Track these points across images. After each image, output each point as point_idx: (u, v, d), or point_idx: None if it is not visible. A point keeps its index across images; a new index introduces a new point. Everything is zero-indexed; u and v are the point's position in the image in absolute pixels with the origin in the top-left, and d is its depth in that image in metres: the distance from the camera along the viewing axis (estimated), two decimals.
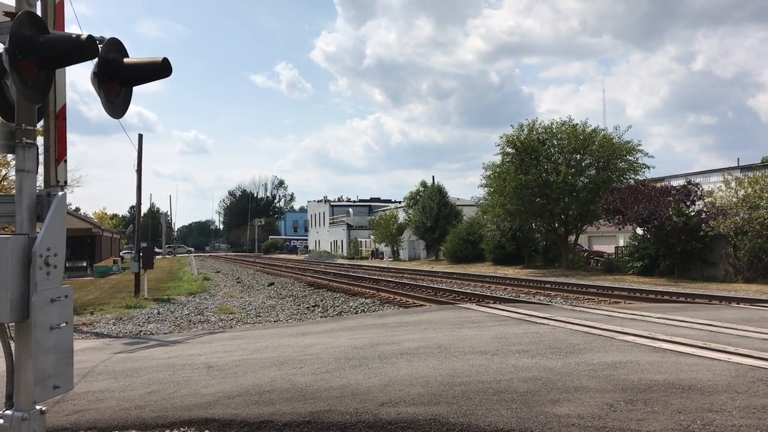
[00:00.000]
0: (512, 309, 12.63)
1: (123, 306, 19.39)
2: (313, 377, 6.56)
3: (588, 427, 4.51)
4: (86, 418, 5.50)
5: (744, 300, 15.91)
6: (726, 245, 26.47)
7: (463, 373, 6.38)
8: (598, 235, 45.17)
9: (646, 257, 29.22)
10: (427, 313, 13.32)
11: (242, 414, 5.30)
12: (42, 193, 3.73)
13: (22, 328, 3.52)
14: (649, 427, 4.45)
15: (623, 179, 34.89)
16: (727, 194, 26.95)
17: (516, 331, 9.39)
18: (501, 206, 36.12)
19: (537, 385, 5.73)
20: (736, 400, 5.03)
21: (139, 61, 4.01)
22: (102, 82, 3.87)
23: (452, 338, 8.89)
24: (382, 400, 5.44)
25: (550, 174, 35.28)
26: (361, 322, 12.12)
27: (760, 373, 5.96)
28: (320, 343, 9.24)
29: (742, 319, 10.19)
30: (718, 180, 30.39)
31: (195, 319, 16.41)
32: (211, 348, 9.75)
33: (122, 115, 4.11)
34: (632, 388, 5.50)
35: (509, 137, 36.05)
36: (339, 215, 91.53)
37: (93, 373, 7.81)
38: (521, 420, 4.73)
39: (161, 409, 5.62)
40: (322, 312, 17.41)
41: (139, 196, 24.47)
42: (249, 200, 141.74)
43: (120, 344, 11.30)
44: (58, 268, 3.65)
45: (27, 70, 3.41)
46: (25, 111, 3.67)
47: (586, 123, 36.07)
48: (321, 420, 5.02)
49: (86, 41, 3.43)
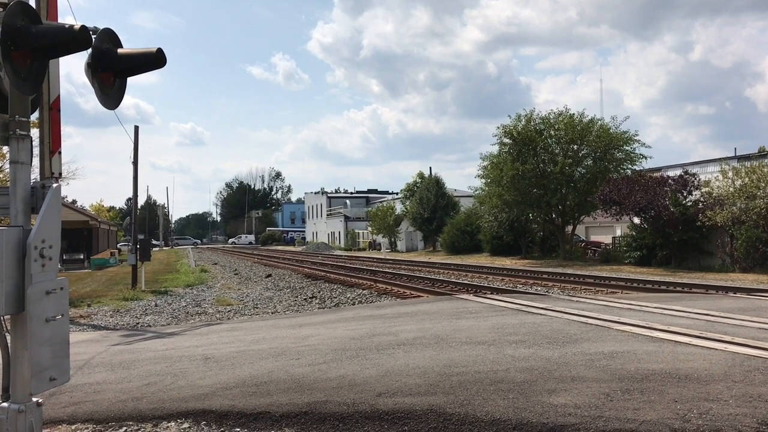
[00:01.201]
0: (509, 299, 12.64)
1: (120, 298, 19.38)
2: (310, 368, 6.56)
3: (585, 416, 4.51)
4: (83, 409, 5.51)
5: (741, 290, 15.94)
6: (723, 235, 26.51)
7: (460, 364, 6.38)
8: (596, 225, 45.21)
9: (643, 247, 29.25)
10: (424, 304, 13.33)
11: (239, 405, 5.31)
12: (37, 185, 3.71)
13: (17, 320, 3.51)
14: (646, 416, 4.46)
15: (620, 169, 34.87)
16: (724, 184, 26.96)
17: (513, 321, 9.40)
18: (498, 197, 36.06)
19: (534, 375, 5.74)
20: (733, 389, 5.05)
21: (133, 52, 3.98)
22: (96, 73, 3.84)
23: (449, 329, 8.90)
24: (379, 391, 5.44)
25: (547, 164, 35.25)
26: (358, 314, 12.13)
27: (757, 362, 5.98)
28: (317, 335, 9.24)
29: (738, 309, 10.22)
30: (715, 170, 30.39)
31: (192, 310, 16.41)
32: (208, 339, 9.75)
33: (116, 106, 4.09)
34: (629, 378, 5.51)
35: (506, 128, 35.97)
36: (336, 207, 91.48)
37: (90, 365, 7.80)
38: (518, 410, 4.74)
39: (158, 401, 5.62)
40: (319, 303, 17.42)
41: (136, 188, 24.44)
42: (246, 192, 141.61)
43: (117, 336, 11.30)
44: (53, 260, 3.63)
45: (20, 61, 3.39)
46: (19, 102, 3.64)
47: (583, 113, 36.05)
48: (318, 411, 5.03)
49: (79, 32, 3.40)
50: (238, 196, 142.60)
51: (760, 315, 9.43)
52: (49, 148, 3.95)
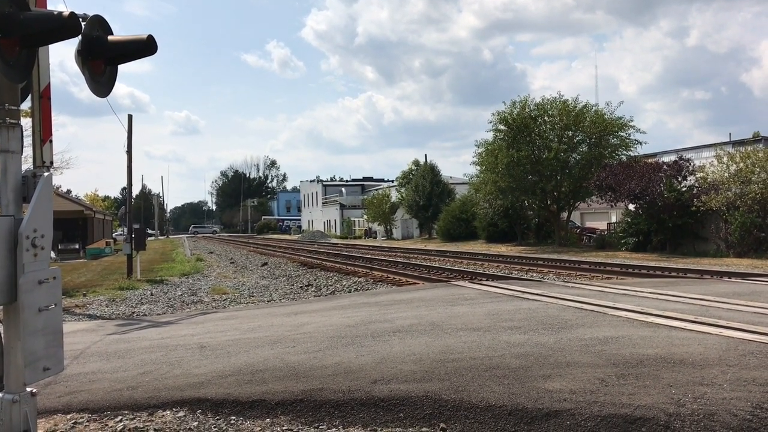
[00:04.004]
0: (505, 286, 12.66)
1: (116, 288, 19.35)
2: (306, 356, 6.57)
3: (580, 401, 4.53)
4: (78, 399, 5.50)
5: (735, 274, 16.02)
6: (718, 220, 26.59)
7: (455, 350, 6.39)
8: (591, 211, 45.31)
9: (638, 233, 29.33)
10: (419, 291, 13.34)
11: (235, 393, 5.31)
12: (28, 174, 3.68)
13: (10, 310, 3.50)
14: (641, 401, 4.47)
15: (615, 155, 34.88)
16: (719, 169, 27.02)
17: (508, 307, 9.41)
18: (493, 183, 36.08)
19: (529, 361, 5.75)
20: (727, 373, 5.06)
21: (124, 39, 3.94)
22: (86, 61, 3.81)
23: (445, 315, 8.91)
24: (374, 378, 5.45)
25: (542, 151, 35.25)
26: (354, 301, 12.13)
27: (751, 346, 6.00)
28: (313, 322, 9.24)
29: (733, 293, 10.25)
30: (710, 155, 30.45)
31: (188, 299, 16.40)
32: (204, 328, 9.75)
33: (107, 93, 4.06)
34: (624, 363, 5.53)
35: (501, 114, 35.91)
36: (332, 195, 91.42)
37: (85, 354, 7.79)
38: (513, 395, 4.75)
39: (154, 390, 5.61)
40: (315, 291, 17.43)
41: (130, 177, 24.35)
42: (241, 181, 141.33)
43: (112, 326, 11.28)
44: (46, 249, 3.61)
45: (8, 49, 3.35)
46: (8, 90, 3.61)
47: (577, 99, 36.01)
48: (314, 398, 5.03)
49: (69, 19, 3.36)
50: (234, 185, 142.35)
51: (754, 299, 9.46)
52: (40, 137, 3.92)
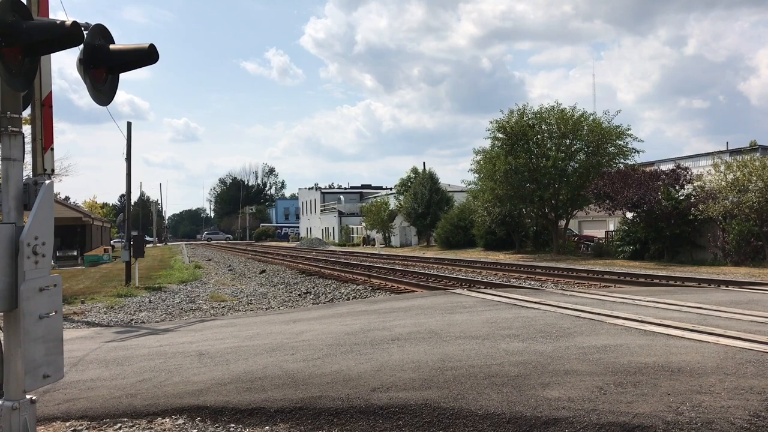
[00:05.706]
0: (503, 294, 12.67)
1: (114, 295, 19.32)
2: (305, 364, 6.57)
3: (578, 410, 4.53)
4: (77, 406, 5.50)
5: (733, 283, 16.02)
6: (715, 229, 26.64)
7: (454, 358, 6.40)
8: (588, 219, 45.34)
9: (635, 241, 29.37)
10: (418, 298, 13.34)
11: (234, 401, 5.31)
12: (29, 182, 3.70)
13: (10, 317, 3.51)
14: (639, 409, 4.48)
15: (613, 164, 34.99)
16: (716, 178, 27.08)
17: (507, 315, 9.42)
18: (491, 191, 36.15)
19: (527, 369, 5.76)
20: (725, 382, 5.08)
21: (126, 48, 3.97)
22: (88, 69, 3.83)
23: (443, 323, 8.92)
24: (373, 386, 5.45)
25: (540, 159, 35.32)
26: (352, 309, 12.13)
27: (749, 355, 6.01)
28: (312, 330, 9.25)
29: (730, 302, 10.27)
30: (707, 164, 30.51)
31: (186, 307, 16.38)
32: (202, 336, 9.74)
33: (109, 102, 4.09)
34: (622, 371, 5.54)
35: (499, 122, 36.03)
36: (330, 202, 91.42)
37: (84, 361, 7.79)
38: (512, 404, 4.75)
39: (152, 397, 5.62)
40: (313, 299, 17.42)
41: (129, 184, 24.33)
42: (240, 188, 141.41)
43: (111, 333, 11.27)
44: (47, 257, 3.63)
45: (11, 58, 3.38)
46: (10, 99, 3.63)
47: (575, 107, 36.17)
48: (313, 406, 5.03)
49: (71, 27, 3.39)
50: (232, 192, 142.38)
51: (752, 308, 9.48)
52: (41, 145, 3.94)
